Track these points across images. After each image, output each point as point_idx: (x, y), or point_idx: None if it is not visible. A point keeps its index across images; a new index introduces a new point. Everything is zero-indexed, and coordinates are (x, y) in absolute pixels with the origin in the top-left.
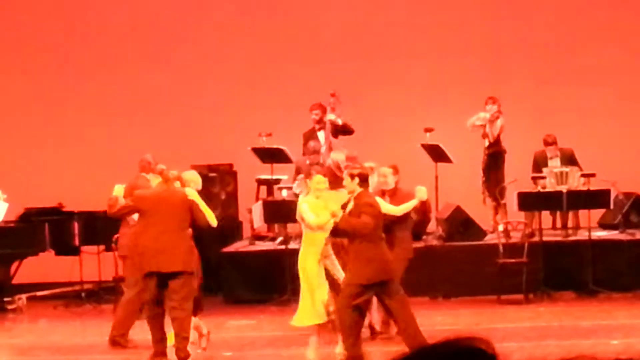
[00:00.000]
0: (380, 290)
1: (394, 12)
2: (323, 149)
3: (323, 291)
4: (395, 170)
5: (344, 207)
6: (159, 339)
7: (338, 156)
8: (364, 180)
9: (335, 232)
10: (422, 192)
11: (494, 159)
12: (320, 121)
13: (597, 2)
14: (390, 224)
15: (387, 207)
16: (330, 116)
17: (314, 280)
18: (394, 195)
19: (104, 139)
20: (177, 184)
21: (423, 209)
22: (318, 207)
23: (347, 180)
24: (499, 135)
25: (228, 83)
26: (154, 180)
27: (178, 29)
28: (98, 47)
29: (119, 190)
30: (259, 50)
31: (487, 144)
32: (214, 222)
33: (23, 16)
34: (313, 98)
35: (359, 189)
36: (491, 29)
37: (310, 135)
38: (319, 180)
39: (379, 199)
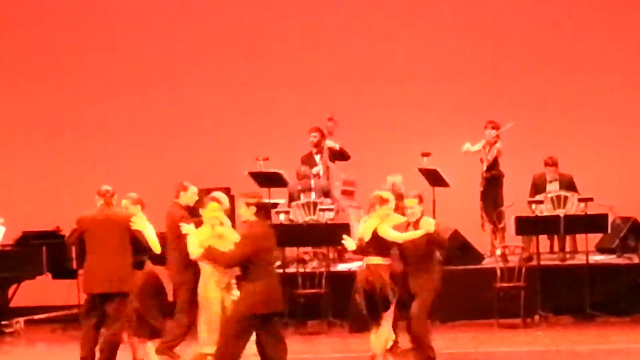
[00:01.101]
0: (262, 324)
1: (391, 35)
2: (320, 172)
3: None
4: (420, 200)
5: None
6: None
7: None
8: (260, 210)
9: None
10: (428, 224)
11: (492, 182)
12: (318, 144)
13: (596, 26)
14: (414, 254)
15: (392, 234)
16: (327, 142)
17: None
18: (418, 225)
19: (101, 163)
20: (138, 208)
21: (437, 241)
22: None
23: (242, 209)
24: (495, 159)
25: (225, 107)
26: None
27: (175, 52)
28: (96, 73)
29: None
30: (256, 74)
31: (485, 167)
32: (156, 248)
33: (21, 41)
34: (310, 122)
35: (253, 218)
36: (489, 52)
37: (308, 159)
38: (213, 208)
39: (384, 226)
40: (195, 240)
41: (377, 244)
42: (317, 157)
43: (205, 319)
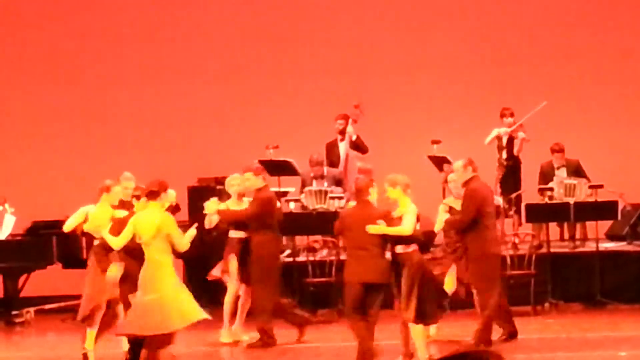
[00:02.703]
0: None
1: (401, 25)
2: (341, 161)
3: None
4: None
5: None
6: None
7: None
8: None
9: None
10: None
11: (512, 171)
12: (342, 132)
13: (604, 14)
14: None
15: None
16: (349, 128)
17: None
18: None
19: (110, 152)
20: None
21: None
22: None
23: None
24: (521, 149)
25: (235, 95)
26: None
27: (183, 42)
28: (104, 64)
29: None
30: (266, 63)
31: (505, 155)
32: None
33: (29, 35)
34: (320, 110)
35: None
36: (498, 41)
37: (332, 147)
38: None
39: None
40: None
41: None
42: (342, 146)
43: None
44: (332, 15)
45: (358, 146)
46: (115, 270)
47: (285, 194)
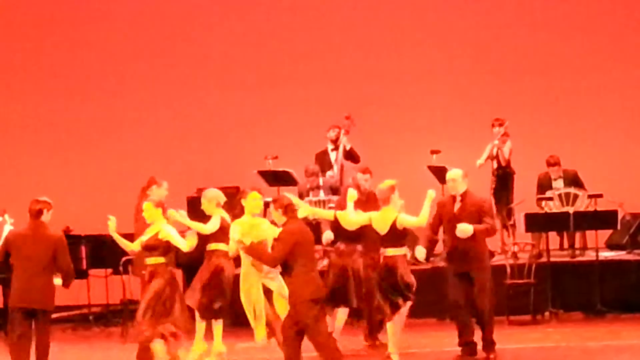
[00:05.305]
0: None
1: (399, 34)
2: (335, 170)
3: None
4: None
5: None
6: None
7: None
8: (287, 210)
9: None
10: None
11: (504, 180)
12: (334, 141)
13: (601, 22)
14: None
15: (413, 220)
16: (342, 139)
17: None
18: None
19: (110, 162)
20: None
21: None
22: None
23: (275, 214)
24: (507, 159)
25: (234, 106)
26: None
27: (184, 51)
28: (105, 71)
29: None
30: (265, 73)
31: (495, 165)
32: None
33: (29, 43)
34: (319, 120)
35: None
36: (497, 51)
37: (323, 156)
38: (255, 197)
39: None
40: (238, 229)
41: (394, 235)
42: (333, 155)
43: (250, 309)
44: (331, 25)
45: (352, 156)
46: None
47: None
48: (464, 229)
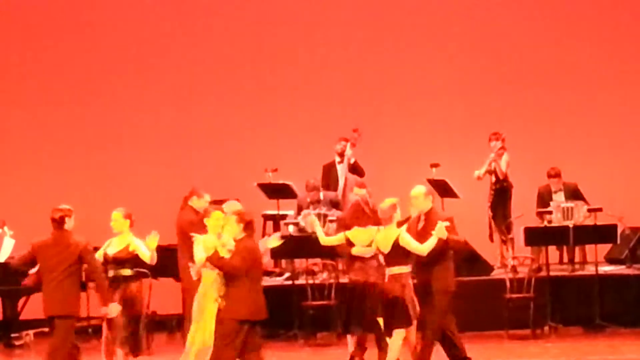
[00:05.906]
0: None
1: (399, 49)
2: (341, 184)
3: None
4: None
5: None
6: None
7: (360, 192)
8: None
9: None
10: (440, 231)
11: (502, 194)
12: (341, 154)
13: (602, 35)
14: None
15: (415, 246)
16: (348, 152)
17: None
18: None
19: (111, 175)
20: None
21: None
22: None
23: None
24: (504, 172)
25: (234, 118)
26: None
27: (184, 64)
28: (106, 84)
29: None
30: (264, 86)
31: (494, 179)
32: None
33: (31, 54)
34: (319, 134)
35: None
36: (498, 64)
37: (330, 168)
38: (217, 217)
39: (405, 237)
40: (201, 247)
41: (398, 253)
42: (340, 167)
43: (197, 329)
44: (334, 38)
45: (356, 169)
46: None
47: (284, 217)
48: (440, 227)
